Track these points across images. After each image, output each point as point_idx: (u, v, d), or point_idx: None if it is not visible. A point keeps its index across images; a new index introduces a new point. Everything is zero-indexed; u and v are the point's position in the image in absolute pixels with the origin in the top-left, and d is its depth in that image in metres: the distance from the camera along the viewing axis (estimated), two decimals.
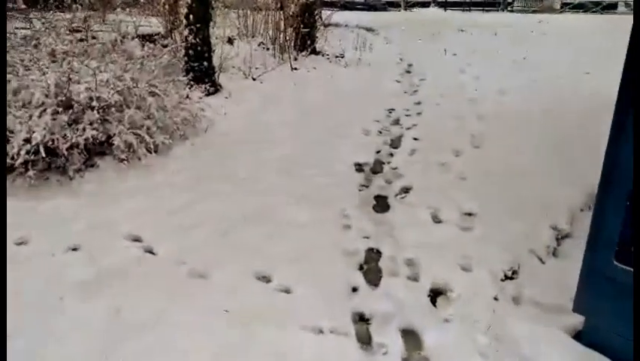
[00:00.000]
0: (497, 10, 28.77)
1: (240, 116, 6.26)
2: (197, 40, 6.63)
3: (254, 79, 7.69)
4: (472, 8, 29.31)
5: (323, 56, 10.09)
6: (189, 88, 6.60)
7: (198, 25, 6.60)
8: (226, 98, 6.81)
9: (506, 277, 3.40)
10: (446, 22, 18.15)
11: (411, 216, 4.02)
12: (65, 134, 4.35)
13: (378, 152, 5.50)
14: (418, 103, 7.35)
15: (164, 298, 2.90)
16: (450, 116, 6.49)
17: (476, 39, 13.63)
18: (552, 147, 5.30)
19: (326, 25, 16.63)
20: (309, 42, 9.72)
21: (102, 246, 3.42)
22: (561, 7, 29.21)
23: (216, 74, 7.10)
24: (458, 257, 3.47)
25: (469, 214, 4.09)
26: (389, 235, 3.76)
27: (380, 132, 6.12)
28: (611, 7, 28.62)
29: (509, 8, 29.01)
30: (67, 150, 4.32)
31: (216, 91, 6.91)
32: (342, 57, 10.06)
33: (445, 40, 13.47)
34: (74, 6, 7.25)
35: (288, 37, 9.58)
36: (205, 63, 6.76)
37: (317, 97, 7.24)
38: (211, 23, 7.11)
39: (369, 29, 16.93)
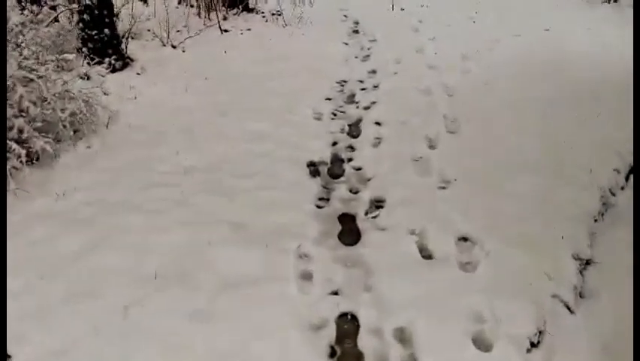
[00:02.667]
0: None
1: (156, 100, 4.79)
2: (93, 1, 4.98)
3: (174, 47, 6.12)
4: None
5: (257, 13, 8.51)
6: (88, 64, 5.02)
7: None
8: (138, 74, 5.28)
9: (532, 345, 2.41)
10: None
11: (391, 250, 2.90)
12: None
13: (334, 144, 4.29)
14: (373, 72, 6.11)
15: None
16: (413, 90, 5.32)
17: None
18: (541, 130, 4.31)
19: None
20: None
21: None
22: None
23: (124, 44, 5.50)
24: (466, 320, 2.42)
25: (466, 239, 3.03)
26: (365, 287, 2.63)
27: (334, 115, 4.88)
28: None
29: None
30: None
31: (125, 65, 5.34)
32: (279, 14, 8.51)
33: None
34: None
35: None
36: (106, 30, 5.13)
37: (253, 68, 5.83)
38: None
39: None
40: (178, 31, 7.05)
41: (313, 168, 3.87)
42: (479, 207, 3.27)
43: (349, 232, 3.12)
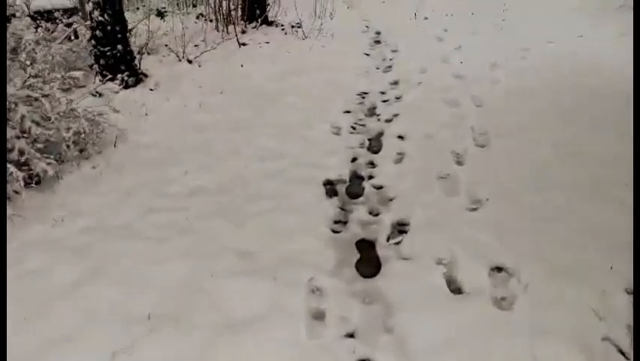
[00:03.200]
0: None
1: (168, 116, 4.58)
2: (106, 17, 4.83)
3: (190, 61, 5.94)
4: None
5: (277, 26, 8.33)
6: (100, 81, 4.87)
7: None
8: (151, 90, 5.09)
9: None
10: None
11: (414, 282, 2.55)
12: None
13: (354, 160, 3.98)
14: (395, 83, 5.80)
15: None
16: (439, 101, 4.99)
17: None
18: (576, 144, 3.90)
19: None
20: (258, 11, 7.93)
21: None
22: None
23: (137, 60, 5.34)
24: None
25: (500, 270, 2.66)
26: (385, 328, 2.30)
27: (353, 128, 4.57)
28: None
29: None
30: None
31: (138, 81, 5.17)
32: (299, 27, 8.31)
33: (412, 1, 11.82)
34: None
35: (233, 6, 7.77)
36: (119, 46, 4.97)
37: (270, 82, 5.59)
38: None
39: None
40: (196, 45, 6.90)
41: (330, 187, 3.56)
42: (514, 231, 2.90)
43: (368, 261, 2.79)
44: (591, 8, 9.10)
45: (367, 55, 7.20)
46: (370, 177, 3.71)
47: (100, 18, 4.84)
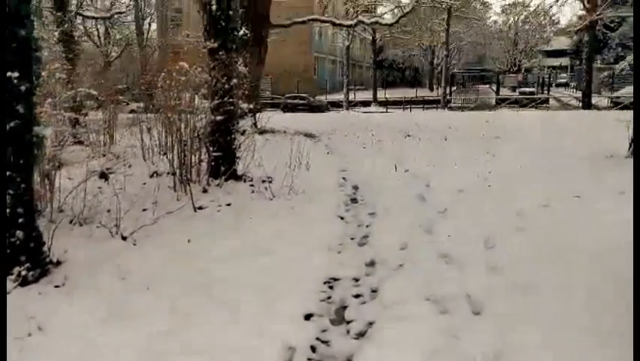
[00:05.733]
0: (436, 108, 28.02)
1: (62, 336, 3.30)
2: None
3: (124, 238, 4.83)
4: (412, 106, 28.49)
5: (245, 181, 7.44)
6: None
7: None
8: (57, 287, 3.86)
9: None
10: (390, 126, 16.42)
11: None
12: None
13: None
14: (372, 264, 4.69)
15: None
16: (424, 302, 3.82)
17: (426, 147, 11.57)
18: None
19: (261, 133, 14.41)
20: (223, 167, 7.07)
21: None
22: (496, 103, 28.92)
23: (45, 243, 4.17)
24: None
25: None
26: None
27: (313, 351, 3.32)
28: (544, 102, 28.56)
29: (448, 105, 28.36)
30: None
31: (43, 274, 3.96)
32: (270, 182, 7.45)
33: (392, 149, 11.34)
34: None
35: (196, 159, 6.96)
36: (19, 232, 3.86)
37: (218, 267, 4.39)
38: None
39: (309, 135, 14.84)
40: (144, 209, 5.90)
41: None
42: None
43: None
44: (596, 161, 8.52)
45: (342, 218, 6.22)
46: None
47: None
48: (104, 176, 5.56)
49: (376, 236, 5.44)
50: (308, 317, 3.73)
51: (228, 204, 6.26)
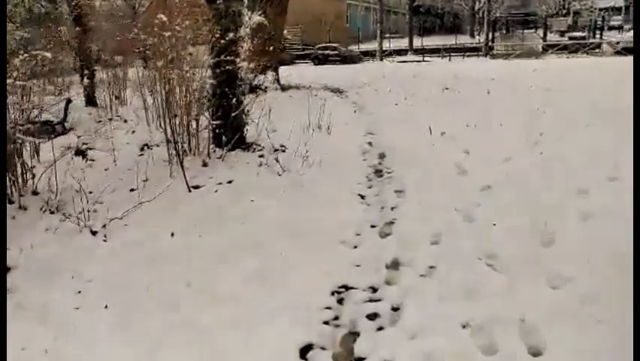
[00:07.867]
0: (477, 57, 25.82)
1: None
2: None
3: (94, 233, 3.97)
4: (451, 55, 26.36)
5: (255, 151, 6.41)
6: None
7: None
8: None
9: None
10: (426, 78, 14.88)
11: None
12: None
13: None
14: (394, 266, 3.68)
15: None
16: (460, 329, 2.82)
17: (466, 102, 10.16)
18: None
19: (284, 89, 13.23)
20: (225, 137, 5.99)
21: None
22: (543, 50, 26.43)
23: None
24: None
25: None
26: None
27: None
28: (596, 47, 25.87)
29: (491, 53, 26.09)
30: None
31: None
32: (283, 151, 6.44)
33: (427, 106, 10.01)
34: None
35: (192, 129, 5.97)
36: None
37: (198, 274, 3.53)
38: None
39: (336, 91, 13.56)
40: (132, 189, 5.03)
41: None
42: None
43: None
44: None
45: (362, 198, 5.17)
46: None
47: None
48: (80, 153, 4.67)
49: (402, 224, 4.40)
50: (305, 350, 2.80)
51: (230, 182, 5.30)
